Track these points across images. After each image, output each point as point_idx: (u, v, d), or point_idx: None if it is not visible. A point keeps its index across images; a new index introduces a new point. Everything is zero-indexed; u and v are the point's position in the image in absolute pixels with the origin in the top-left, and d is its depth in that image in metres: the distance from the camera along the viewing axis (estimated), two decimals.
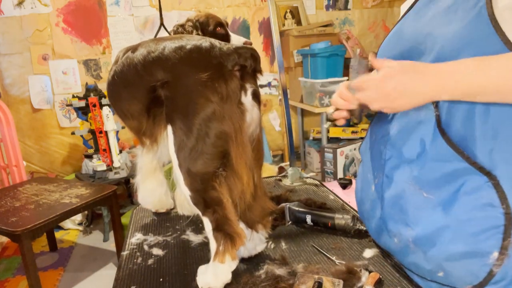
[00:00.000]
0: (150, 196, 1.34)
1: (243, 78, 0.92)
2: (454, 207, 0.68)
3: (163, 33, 2.62)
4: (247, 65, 0.92)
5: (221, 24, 1.36)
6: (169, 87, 0.93)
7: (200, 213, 0.95)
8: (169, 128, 0.94)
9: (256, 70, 0.95)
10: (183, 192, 0.96)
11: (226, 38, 1.33)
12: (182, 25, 1.34)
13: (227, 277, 0.92)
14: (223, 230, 0.91)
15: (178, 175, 0.94)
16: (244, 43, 1.13)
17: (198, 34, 1.30)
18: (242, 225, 0.99)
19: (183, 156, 0.91)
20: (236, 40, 1.30)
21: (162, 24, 1.23)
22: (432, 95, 0.69)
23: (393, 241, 0.81)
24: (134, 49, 1.02)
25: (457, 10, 0.69)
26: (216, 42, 0.94)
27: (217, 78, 0.89)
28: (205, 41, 0.94)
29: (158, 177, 1.32)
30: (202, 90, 0.88)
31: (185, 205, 1.31)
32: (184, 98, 0.90)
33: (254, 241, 1.03)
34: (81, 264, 2.41)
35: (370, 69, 0.82)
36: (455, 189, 0.68)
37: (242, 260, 1.03)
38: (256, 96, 0.96)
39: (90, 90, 2.71)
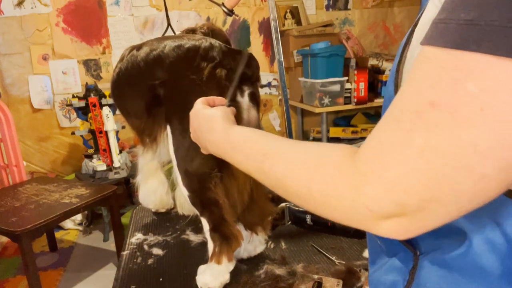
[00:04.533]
0: (152, 195, 1.35)
1: (241, 81, 0.91)
2: None
3: (170, 34, 2.62)
4: (244, 72, 0.89)
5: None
6: (167, 87, 0.93)
7: (198, 213, 0.95)
8: (168, 128, 0.94)
9: (251, 77, 0.93)
10: (182, 192, 0.96)
11: None
12: (193, 30, 1.33)
13: (225, 278, 0.92)
14: (219, 231, 0.91)
15: (177, 175, 0.95)
16: None
17: None
18: (241, 227, 0.99)
19: (181, 156, 0.92)
20: None
21: (169, 24, 1.21)
22: (213, 152, 0.68)
23: None
24: (139, 47, 1.02)
25: None
26: (217, 43, 0.94)
27: (212, 79, 0.88)
28: (205, 41, 0.94)
29: (159, 177, 1.32)
30: (197, 90, 0.88)
31: (186, 205, 1.31)
32: (180, 98, 0.90)
33: (253, 243, 1.03)
34: (81, 264, 2.41)
35: None
36: None
37: (242, 260, 1.03)
38: (254, 99, 0.95)
39: (90, 90, 2.71)
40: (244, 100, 0.93)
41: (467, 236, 0.39)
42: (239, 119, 0.91)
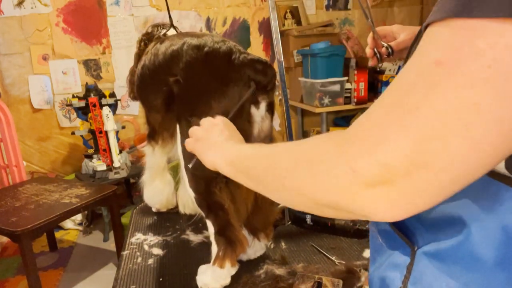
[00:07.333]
0: (159, 195, 1.33)
1: (257, 91, 0.89)
2: None
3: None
4: (260, 81, 0.89)
5: None
6: (180, 85, 0.92)
7: (204, 215, 0.95)
8: (178, 126, 0.93)
9: (266, 86, 0.91)
10: (188, 193, 0.95)
11: None
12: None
13: (226, 281, 0.91)
14: (224, 235, 0.91)
15: (185, 176, 0.94)
16: None
17: None
18: (245, 232, 0.98)
19: (188, 157, 0.91)
20: None
21: (171, 25, 1.21)
22: (212, 166, 0.68)
23: None
24: (162, 40, 1.01)
25: None
26: (235, 49, 0.91)
27: (228, 86, 0.86)
28: (223, 44, 0.91)
29: (166, 177, 1.31)
30: (211, 95, 0.86)
31: (189, 204, 1.30)
32: (192, 99, 0.89)
33: (255, 248, 1.03)
34: (81, 264, 2.41)
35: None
36: None
37: (242, 260, 1.03)
38: (270, 109, 0.93)
39: (90, 90, 2.71)
40: (259, 113, 0.91)
41: (466, 224, 0.37)
42: (249, 133, 0.90)
